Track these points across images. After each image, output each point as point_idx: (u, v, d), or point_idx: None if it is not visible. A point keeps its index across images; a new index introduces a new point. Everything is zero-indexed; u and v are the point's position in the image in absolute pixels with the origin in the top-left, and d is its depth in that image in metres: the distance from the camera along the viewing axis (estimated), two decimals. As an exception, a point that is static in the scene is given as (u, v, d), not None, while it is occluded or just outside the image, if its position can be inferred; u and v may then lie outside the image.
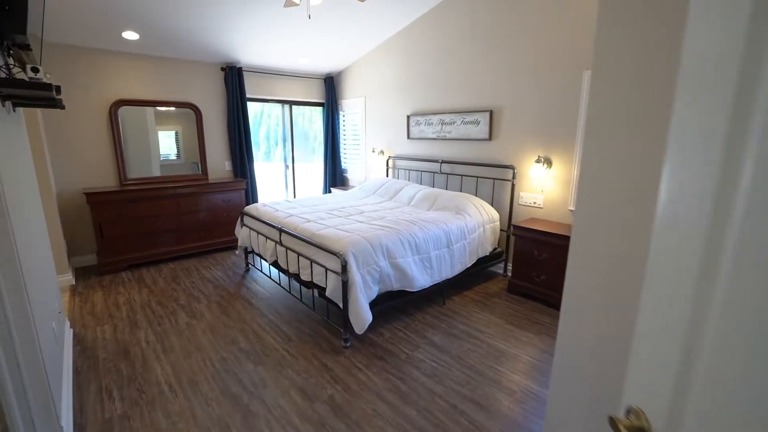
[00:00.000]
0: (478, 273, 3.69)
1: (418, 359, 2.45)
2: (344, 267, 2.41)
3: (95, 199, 3.76)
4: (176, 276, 3.87)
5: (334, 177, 5.95)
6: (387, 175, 5.12)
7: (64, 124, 3.93)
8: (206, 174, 4.85)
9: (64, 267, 3.60)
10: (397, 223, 3.08)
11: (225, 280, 3.75)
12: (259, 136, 7.08)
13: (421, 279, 2.90)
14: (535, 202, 3.60)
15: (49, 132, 3.85)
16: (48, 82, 1.60)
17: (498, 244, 3.80)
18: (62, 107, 2.08)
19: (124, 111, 4.26)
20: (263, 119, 6.98)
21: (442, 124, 4.27)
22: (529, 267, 3.29)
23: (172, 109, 4.60)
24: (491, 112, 3.79)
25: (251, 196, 5.13)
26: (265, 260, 3.38)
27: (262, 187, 5.55)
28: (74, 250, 4.14)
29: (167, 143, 4.70)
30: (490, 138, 3.85)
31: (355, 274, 2.47)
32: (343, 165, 6.06)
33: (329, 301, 2.62)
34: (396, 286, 2.76)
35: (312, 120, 6.70)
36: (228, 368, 2.34)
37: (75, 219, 4.07)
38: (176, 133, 4.70)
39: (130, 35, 3.77)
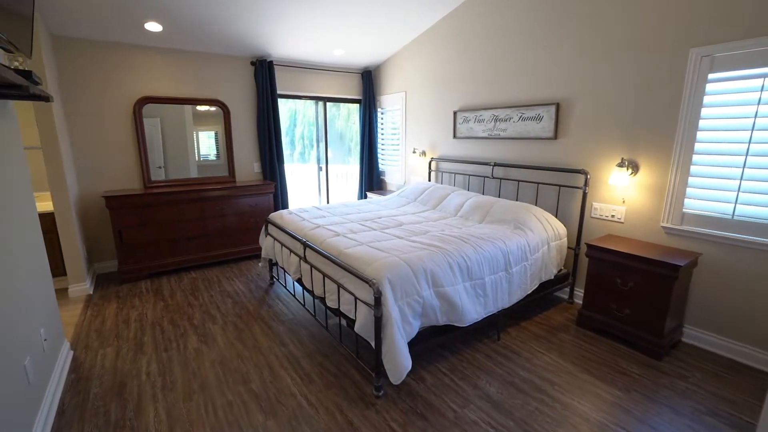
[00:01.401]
0: (537, 299, 3.06)
1: (471, 421, 1.89)
2: (378, 299, 1.90)
3: (114, 203, 3.49)
4: (195, 288, 3.53)
5: (371, 180, 5.47)
6: (429, 179, 4.56)
7: (88, 124, 3.71)
8: (234, 176, 4.53)
9: (81, 276, 3.36)
10: (444, 241, 2.52)
11: (246, 295, 3.36)
12: (294, 136, 6.75)
13: (473, 311, 2.33)
14: (613, 215, 2.92)
15: (74, 132, 3.65)
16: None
17: (564, 265, 3.15)
18: (41, 98, 1.72)
19: (160, 110, 4.04)
20: (298, 118, 6.65)
21: (496, 120, 3.66)
22: (607, 297, 2.63)
23: (213, 108, 4.33)
24: (558, 105, 3.14)
25: (281, 201, 4.76)
26: (290, 275, 2.95)
27: (294, 191, 5.16)
28: (98, 256, 3.93)
29: (207, 144, 4.46)
30: (555, 136, 3.20)
31: (392, 308, 1.95)
32: (381, 167, 5.57)
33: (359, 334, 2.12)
34: (442, 321, 2.22)
35: (348, 118, 6.28)
36: (232, 419, 1.90)
37: (98, 223, 3.86)
38: (215, 134, 4.43)
39: (153, 26, 3.48)
